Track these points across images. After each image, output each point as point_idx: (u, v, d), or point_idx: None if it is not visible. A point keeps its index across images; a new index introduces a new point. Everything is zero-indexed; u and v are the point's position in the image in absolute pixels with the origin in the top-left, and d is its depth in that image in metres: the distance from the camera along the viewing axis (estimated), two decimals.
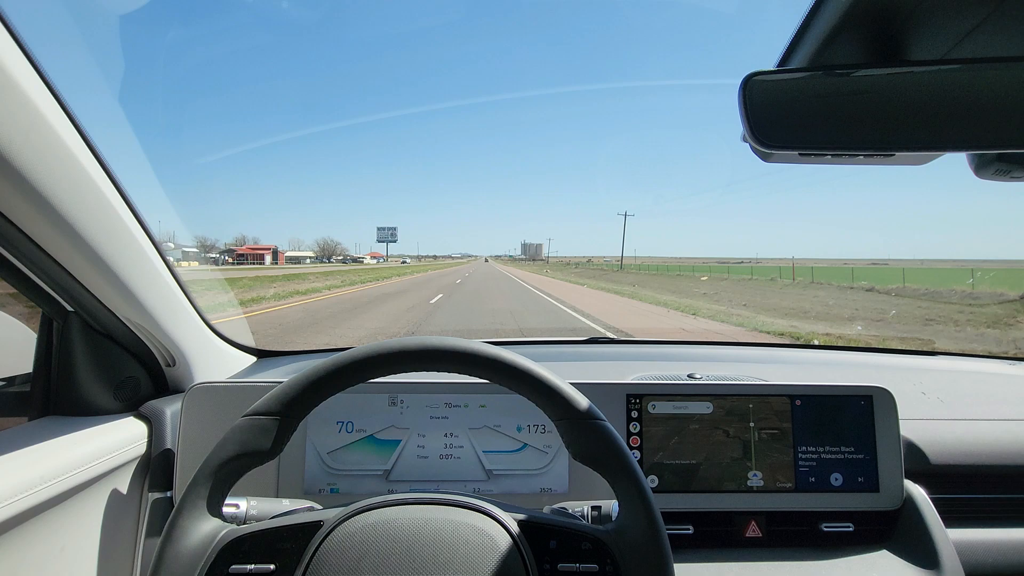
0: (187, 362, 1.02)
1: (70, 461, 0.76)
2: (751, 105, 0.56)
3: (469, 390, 0.93)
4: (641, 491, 0.57)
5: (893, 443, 0.92)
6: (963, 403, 1.17)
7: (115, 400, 0.94)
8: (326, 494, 0.89)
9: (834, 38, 0.56)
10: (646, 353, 1.51)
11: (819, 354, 1.56)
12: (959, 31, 0.55)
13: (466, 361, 0.59)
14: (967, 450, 0.99)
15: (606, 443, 0.58)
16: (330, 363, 0.59)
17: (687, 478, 0.91)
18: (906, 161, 0.65)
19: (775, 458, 0.92)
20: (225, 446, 0.57)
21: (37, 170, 0.61)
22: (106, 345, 0.92)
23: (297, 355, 1.40)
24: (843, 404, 0.94)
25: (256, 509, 0.66)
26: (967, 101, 0.54)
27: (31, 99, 0.59)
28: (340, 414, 0.91)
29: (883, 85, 0.55)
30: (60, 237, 0.70)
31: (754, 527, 0.91)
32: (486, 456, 0.92)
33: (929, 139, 0.55)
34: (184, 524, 0.54)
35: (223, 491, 0.58)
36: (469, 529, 0.55)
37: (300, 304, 13.89)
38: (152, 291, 0.87)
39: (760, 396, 0.94)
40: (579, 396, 0.60)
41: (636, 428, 0.93)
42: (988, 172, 0.65)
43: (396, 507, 0.57)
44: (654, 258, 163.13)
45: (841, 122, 0.56)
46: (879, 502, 0.91)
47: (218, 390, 0.91)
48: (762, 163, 0.70)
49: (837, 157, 0.59)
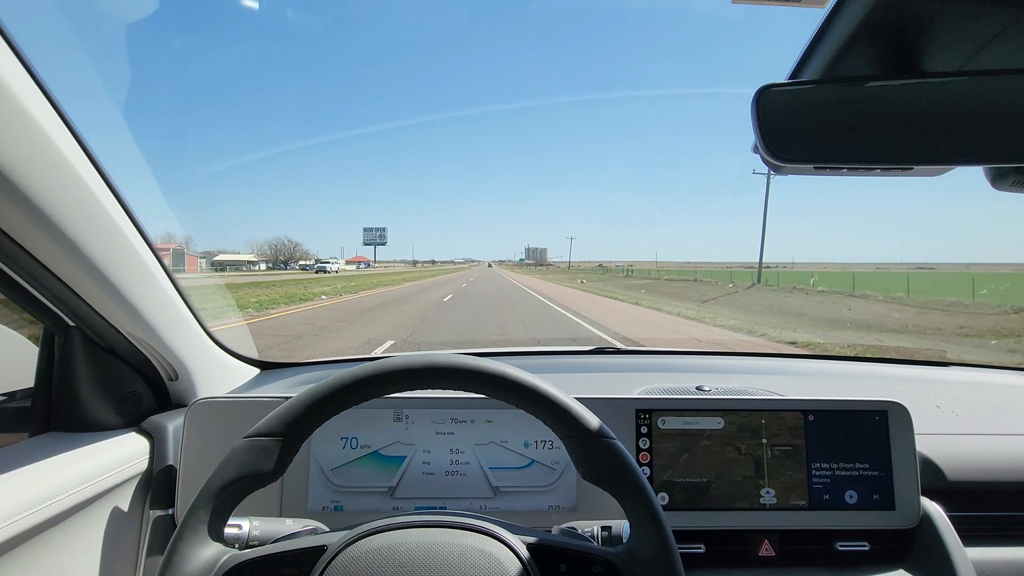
0: (190, 376, 1.01)
1: (71, 478, 0.75)
2: (765, 118, 0.55)
3: (475, 405, 0.92)
4: (652, 511, 0.55)
5: (909, 459, 0.90)
6: (979, 417, 1.15)
7: (117, 415, 0.92)
8: (330, 512, 0.88)
9: (848, 49, 0.55)
10: (653, 364, 1.50)
11: (829, 365, 1.54)
12: (976, 42, 0.53)
13: (472, 379, 0.58)
14: (985, 466, 0.97)
15: (616, 462, 0.57)
16: (334, 382, 0.58)
17: (698, 496, 0.90)
18: (922, 173, 0.63)
19: (788, 475, 0.90)
20: (226, 468, 0.55)
21: (36, 183, 0.60)
22: (108, 360, 0.92)
23: (302, 367, 1.39)
24: (857, 419, 0.92)
25: (259, 530, 0.65)
26: (984, 113, 0.53)
27: (28, 110, 0.58)
28: (344, 430, 0.90)
29: (899, 97, 0.54)
30: (60, 251, 0.69)
31: (767, 546, 0.89)
32: (493, 473, 0.90)
33: (946, 152, 0.53)
34: (184, 550, 0.53)
35: (224, 514, 0.56)
36: (477, 553, 0.54)
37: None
38: (154, 304, 0.87)
39: (772, 411, 0.92)
40: (588, 414, 0.58)
41: (646, 444, 0.91)
42: (1005, 184, 0.64)
43: (401, 531, 0.55)
44: (672, 263, 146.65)
45: (857, 135, 0.55)
46: (895, 520, 0.89)
47: (221, 405, 0.90)
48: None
49: (853, 170, 0.58)
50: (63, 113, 0.64)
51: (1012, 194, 0.65)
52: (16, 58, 0.57)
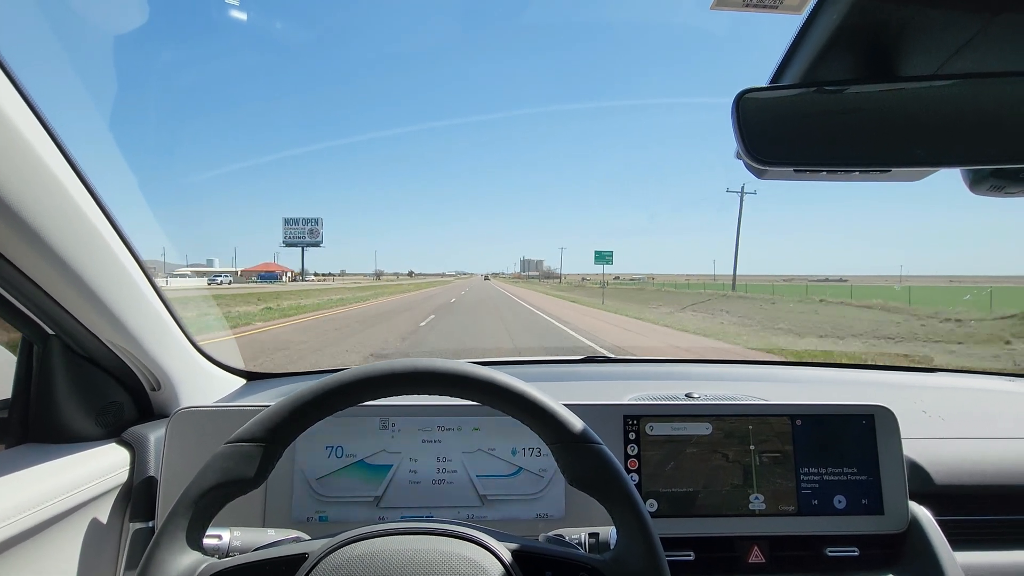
0: (173, 386, 0.99)
1: (48, 490, 0.73)
2: (744, 122, 0.55)
3: (462, 412, 0.91)
4: (640, 518, 0.55)
5: (896, 463, 0.90)
6: (965, 421, 1.15)
7: (97, 426, 0.91)
8: (315, 522, 0.86)
9: (826, 54, 0.56)
10: (642, 372, 1.49)
11: (816, 371, 1.55)
12: (951, 46, 0.55)
13: (457, 384, 0.57)
14: (972, 470, 0.98)
15: (603, 467, 0.56)
16: (317, 387, 0.57)
17: (687, 502, 0.89)
18: (901, 177, 0.64)
19: (777, 481, 0.90)
20: (206, 475, 0.54)
21: (14, 189, 0.60)
22: (88, 369, 0.90)
23: (288, 377, 1.37)
24: (844, 424, 0.92)
25: (240, 540, 0.63)
26: (960, 116, 0.54)
27: (10, 118, 0.57)
28: (329, 439, 0.89)
29: (876, 101, 0.55)
30: (40, 259, 0.68)
31: (757, 552, 0.89)
32: (480, 481, 0.89)
33: (923, 155, 0.54)
34: (162, 558, 0.51)
35: (204, 522, 0.55)
36: (461, 560, 0.53)
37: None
38: (136, 312, 0.85)
39: (760, 416, 0.92)
40: (574, 418, 0.58)
41: (634, 451, 0.91)
42: (983, 188, 0.65)
43: (384, 538, 0.54)
44: (673, 275, 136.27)
45: (835, 138, 0.56)
46: (884, 525, 0.88)
47: (203, 415, 0.89)
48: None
49: (832, 173, 0.59)
50: (46, 122, 0.64)
51: (989, 198, 0.67)
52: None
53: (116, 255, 0.79)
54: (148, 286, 0.87)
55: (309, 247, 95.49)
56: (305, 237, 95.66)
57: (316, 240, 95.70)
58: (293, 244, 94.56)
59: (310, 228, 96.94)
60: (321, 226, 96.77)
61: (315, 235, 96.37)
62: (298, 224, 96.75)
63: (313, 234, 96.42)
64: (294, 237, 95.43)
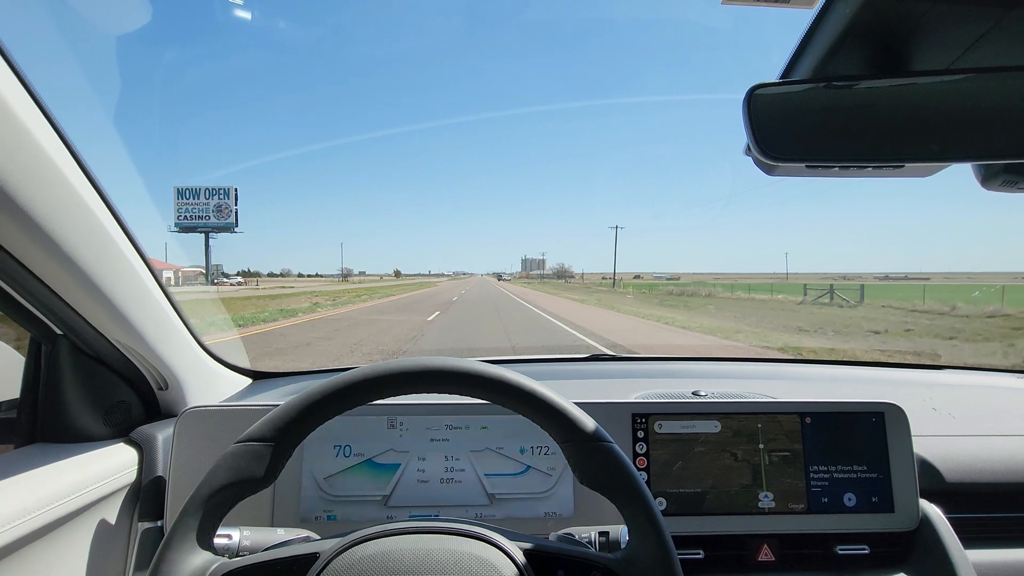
0: (180, 385, 0.99)
1: (57, 490, 0.73)
2: (756, 118, 0.55)
3: (470, 411, 0.91)
4: (652, 517, 0.54)
5: (907, 461, 0.90)
6: (975, 419, 1.15)
7: (105, 426, 0.91)
8: (323, 522, 0.86)
9: (838, 49, 0.55)
10: (649, 370, 1.49)
11: (825, 369, 1.54)
12: (964, 41, 0.54)
13: (467, 382, 0.57)
14: (982, 467, 0.97)
15: (614, 466, 0.56)
16: (326, 386, 0.57)
17: (696, 500, 0.89)
18: (913, 173, 0.64)
19: (786, 479, 0.89)
20: (216, 474, 0.54)
21: (25, 190, 0.60)
22: (96, 369, 0.90)
23: (296, 376, 1.37)
24: (854, 421, 0.91)
25: (249, 540, 0.63)
26: (973, 111, 0.53)
27: (18, 117, 0.57)
28: (337, 438, 0.89)
29: (888, 96, 0.54)
30: (48, 258, 0.68)
31: (767, 550, 0.88)
32: (488, 479, 0.89)
33: (936, 150, 0.54)
34: (173, 557, 0.51)
35: (214, 522, 0.55)
36: (472, 559, 0.53)
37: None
38: (144, 312, 0.85)
39: (769, 414, 0.92)
40: (585, 417, 0.58)
41: (643, 449, 0.90)
42: (995, 183, 0.64)
43: (395, 537, 0.54)
44: (687, 274, 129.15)
45: (847, 134, 0.55)
46: (895, 523, 0.88)
47: (211, 414, 0.89)
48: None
49: (844, 169, 0.59)
50: (54, 121, 0.64)
51: (1002, 194, 0.66)
52: (7, 65, 0.56)
53: (124, 254, 0.79)
54: (155, 285, 0.87)
55: (216, 232, 61.28)
56: (209, 217, 60.17)
57: (226, 222, 60.21)
58: (190, 228, 60.20)
59: (216, 204, 60.34)
60: (234, 201, 60.26)
61: (224, 214, 60.12)
62: (198, 197, 60.22)
63: (221, 212, 60.11)
64: (192, 217, 59.92)
